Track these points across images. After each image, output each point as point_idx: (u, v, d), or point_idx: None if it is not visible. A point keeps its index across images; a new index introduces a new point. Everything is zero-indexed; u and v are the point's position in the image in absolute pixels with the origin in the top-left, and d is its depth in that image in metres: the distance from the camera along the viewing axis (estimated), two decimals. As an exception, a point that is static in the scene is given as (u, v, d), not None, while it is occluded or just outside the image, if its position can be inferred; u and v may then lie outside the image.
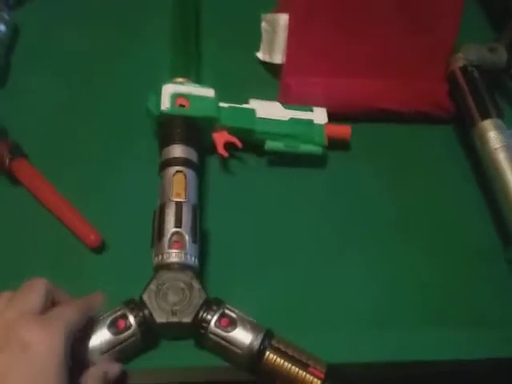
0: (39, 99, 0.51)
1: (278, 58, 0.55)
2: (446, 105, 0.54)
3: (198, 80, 0.51)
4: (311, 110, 0.50)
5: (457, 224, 0.49)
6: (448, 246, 0.47)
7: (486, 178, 0.49)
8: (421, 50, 0.54)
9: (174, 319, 0.36)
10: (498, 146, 0.48)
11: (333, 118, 0.51)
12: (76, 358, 0.32)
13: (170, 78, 0.49)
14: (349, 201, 0.49)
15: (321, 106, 0.51)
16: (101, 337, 0.35)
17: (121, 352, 0.35)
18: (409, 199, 0.50)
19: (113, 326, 0.35)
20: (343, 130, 0.51)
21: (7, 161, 0.44)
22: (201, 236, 0.41)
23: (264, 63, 0.57)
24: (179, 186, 0.42)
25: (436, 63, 0.55)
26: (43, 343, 0.29)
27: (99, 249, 0.43)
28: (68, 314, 0.31)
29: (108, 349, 0.34)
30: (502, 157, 0.48)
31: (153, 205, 0.42)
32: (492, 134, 0.49)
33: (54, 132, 0.50)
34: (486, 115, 0.50)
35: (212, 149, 0.48)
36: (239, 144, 0.48)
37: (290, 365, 0.35)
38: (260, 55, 0.57)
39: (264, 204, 0.48)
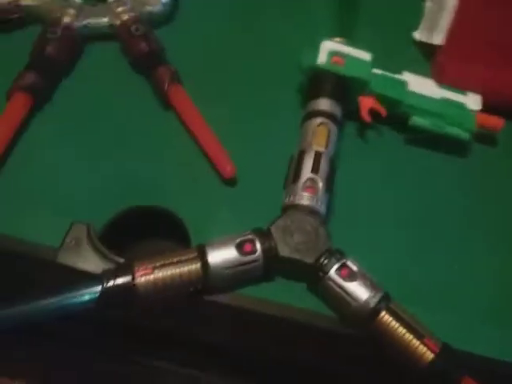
0: (204, 35, 0.54)
1: (438, 39, 0.53)
2: None
3: (354, 44, 0.51)
4: (465, 94, 0.48)
5: None
6: None
7: None
8: None
9: (297, 256, 0.37)
10: None
11: (485, 110, 0.48)
12: None
13: (330, 37, 0.49)
14: (483, 195, 0.47)
15: (474, 92, 0.49)
16: (227, 254, 0.36)
17: (241, 273, 0.36)
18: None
19: (240, 247, 0.36)
20: (495, 121, 0.48)
21: (166, 85, 0.47)
22: (332, 190, 0.42)
23: (420, 44, 0.55)
24: (321, 136, 0.43)
25: None
26: None
27: (232, 182, 0.44)
28: None
29: (231, 266, 0.36)
30: None
31: (287, 152, 0.43)
32: None
33: (211, 68, 0.52)
34: None
35: (354, 114, 0.48)
36: (384, 112, 0.47)
37: (404, 330, 0.34)
38: (417, 35, 0.56)
39: (392, 178, 0.47)
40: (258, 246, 0.36)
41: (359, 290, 0.36)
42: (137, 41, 0.49)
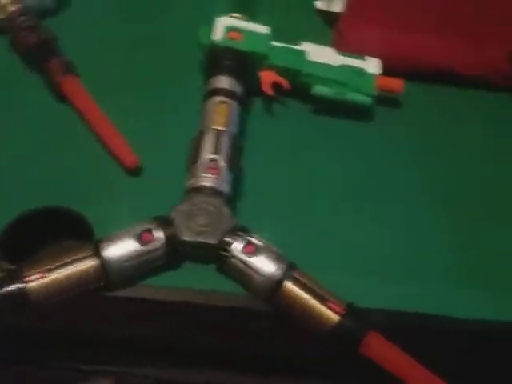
0: (99, 24, 0.52)
1: (338, 7, 0.53)
2: (507, 71, 0.51)
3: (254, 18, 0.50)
4: (364, 59, 0.49)
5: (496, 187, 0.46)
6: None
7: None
8: (499, 11, 0.51)
9: (200, 238, 0.36)
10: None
11: (388, 73, 0.49)
12: None
13: (226, 14, 0.48)
14: (393, 158, 0.48)
15: (376, 57, 0.49)
16: (126, 246, 0.35)
17: (144, 264, 0.36)
18: (460, 166, 0.47)
19: (139, 238, 0.36)
20: (395, 83, 0.48)
21: (59, 77, 0.45)
22: (238, 168, 0.41)
23: (321, 13, 0.55)
24: (221, 115, 0.42)
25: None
26: None
27: (135, 171, 0.43)
28: None
29: (132, 257, 0.35)
30: None
31: (191, 135, 0.43)
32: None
33: (110, 59, 0.50)
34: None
35: (259, 89, 0.47)
36: (286, 85, 0.47)
37: (309, 297, 0.35)
38: (318, 4, 0.55)
39: (301, 149, 0.47)
40: (159, 233, 0.36)
41: (264, 264, 0.36)
42: (25, 32, 0.47)
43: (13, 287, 0.32)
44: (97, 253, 0.34)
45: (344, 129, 0.49)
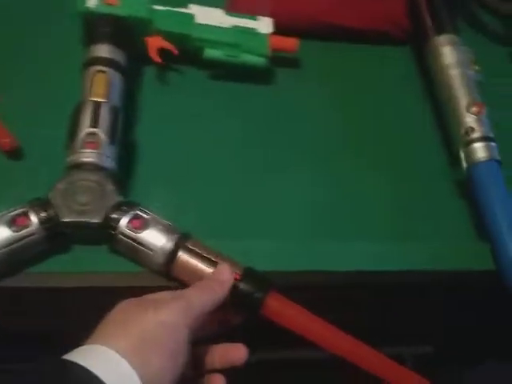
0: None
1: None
2: (403, 24, 0.51)
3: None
4: (255, 19, 0.47)
5: (405, 142, 0.47)
6: (394, 164, 0.45)
7: (437, 97, 0.46)
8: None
9: (82, 218, 0.34)
10: (451, 61, 0.45)
11: (282, 33, 0.47)
12: None
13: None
14: (294, 119, 0.47)
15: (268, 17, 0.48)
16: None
17: (20, 251, 0.33)
18: (358, 119, 0.47)
19: (13, 223, 0.32)
20: (289, 42, 0.47)
21: None
22: (123, 140, 0.39)
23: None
24: (100, 85, 0.39)
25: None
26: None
27: (15, 154, 0.40)
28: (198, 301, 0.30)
29: (6, 245, 0.32)
30: (454, 73, 0.45)
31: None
32: (446, 50, 0.46)
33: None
34: (441, 30, 0.47)
35: (148, 57, 0.44)
36: (175, 51, 0.44)
37: (204, 266, 0.33)
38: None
39: (200, 117, 0.45)
40: (34, 217, 0.33)
41: (154, 237, 0.34)
42: None
43: None
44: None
45: (242, 93, 0.47)
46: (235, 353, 0.33)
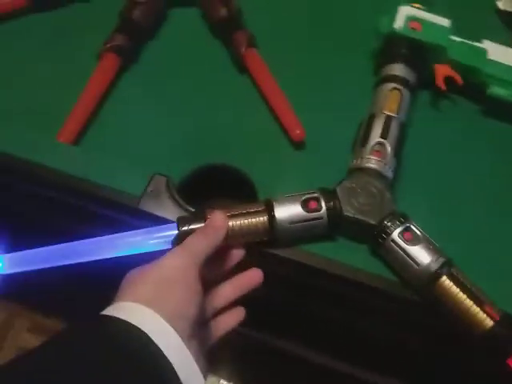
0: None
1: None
2: None
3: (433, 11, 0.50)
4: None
5: None
6: None
7: None
8: None
9: (360, 217, 0.38)
10: None
11: None
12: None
13: (407, 2, 0.48)
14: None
15: None
16: (293, 210, 0.38)
17: (306, 229, 0.38)
18: None
19: (305, 204, 0.38)
20: None
21: (243, 49, 0.49)
22: (400, 156, 0.42)
23: (502, 13, 0.53)
24: (393, 101, 0.43)
25: None
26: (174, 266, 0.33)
27: (300, 145, 0.46)
28: (197, 245, 0.34)
29: (296, 221, 0.37)
30: None
31: (355, 118, 0.44)
32: None
33: (283, 34, 0.53)
34: None
35: (429, 82, 0.47)
36: (460, 81, 0.46)
37: (465, 296, 0.34)
38: (500, 4, 0.53)
39: (464, 148, 0.46)
40: (323, 204, 0.38)
41: (422, 254, 0.36)
42: (217, 6, 0.51)
43: (197, 226, 0.36)
44: (269, 210, 0.37)
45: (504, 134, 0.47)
46: (250, 275, 0.37)
